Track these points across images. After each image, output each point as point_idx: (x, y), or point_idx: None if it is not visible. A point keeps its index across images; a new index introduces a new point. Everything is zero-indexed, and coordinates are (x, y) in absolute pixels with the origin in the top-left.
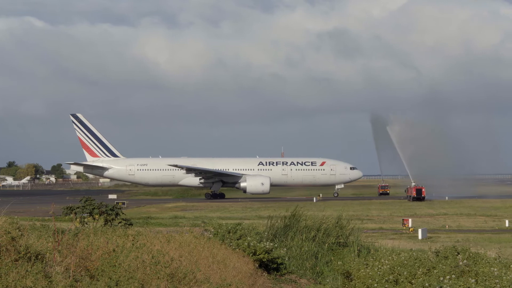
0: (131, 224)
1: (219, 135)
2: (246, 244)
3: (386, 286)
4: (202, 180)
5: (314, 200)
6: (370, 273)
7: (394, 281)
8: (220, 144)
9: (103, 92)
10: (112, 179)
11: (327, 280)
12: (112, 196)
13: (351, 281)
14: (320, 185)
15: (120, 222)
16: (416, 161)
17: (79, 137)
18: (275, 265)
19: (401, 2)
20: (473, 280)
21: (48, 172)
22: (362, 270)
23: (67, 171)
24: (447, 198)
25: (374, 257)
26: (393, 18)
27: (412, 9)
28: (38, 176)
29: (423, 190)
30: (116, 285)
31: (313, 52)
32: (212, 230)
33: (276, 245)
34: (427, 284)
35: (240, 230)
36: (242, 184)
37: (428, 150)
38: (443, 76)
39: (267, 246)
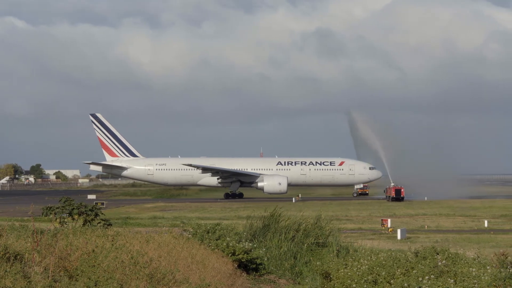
0: (110, 225)
1: (203, 135)
2: (225, 244)
3: (365, 286)
4: (220, 180)
5: (293, 201)
6: (349, 273)
7: (373, 281)
8: (204, 144)
9: (87, 92)
10: (131, 178)
11: (306, 280)
12: (91, 197)
13: (330, 281)
14: (339, 185)
15: (99, 223)
16: (396, 161)
17: (98, 137)
18: (254, 265)
19: (383, 3)
20: (452, 280)
21: (27, 172)
22: (341, 270)
23: (46, 171)
24: (426, 198)
25: (353, 257)
26: (376, 18)
27: (395, 10)
28: (17, 176)
29: (402, 190)
30: (95, 285)
31: (296, 53)
32: (191, 230)
33: (255, 245)
34: (406, 285)
35: (219, 230)
36: (260, 184)
37: (408, 150)
38: (427, 76)
39: (246, 247)
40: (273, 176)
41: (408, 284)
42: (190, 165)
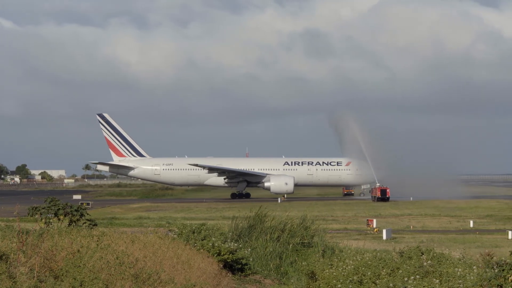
0: (95, 225)
1: (190, 136)
2: (210, 244)
3: (350, 286)
4: (227, 180)
5: (279, 201)
6: (334, 273)
7: (359, 281)
8: (191, 145)
9: (75, 92)
10: (137, 178)
11: (292, 281)
12: (76, 197)
13: (315, 282)
14: (346, 185)
15: (84, 223)
16: (382, 161)
17: (105, 137)
18: (239, 266)
19: (370, 3)
20: (437, 280)
21: (12, 173)
22: (327, 271)
23: (32, 172)
24: (411, 198)
25: (339, 257)
26: (363, 19)
27: (382, 10)
28: (2, 176)
29: (387, 190)
30: (81, 285)
31: (284, 53)
32: (177, 230)
33: (240, 245)
34: (391, 285)
35: (204, 230)
36: (266, 184)
37: (394, 150)
38: (415, 77)
39: (232, 247)
40: (279, 176)
41: (394, 284)
42: (197, 165)
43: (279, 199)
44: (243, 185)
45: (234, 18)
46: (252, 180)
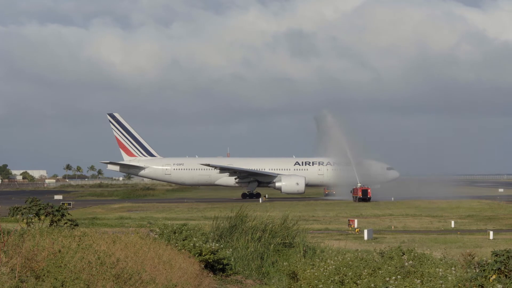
0: (77, 225)
1: (175, 136)
2: (191, 244)
3: (332, 286)
4: (237, 180)
5: (260, 201)
6: (315, 273)
7: (340, 281)
8: (176, 145)
9: (59, 92)
10: (148, 178)
11: (273, 281)
12: (58, 197)
13: (296, 282)
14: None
15: (66, 223)
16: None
17: (116, 137)
18: (221, 266)
19: (353, 4)
20: (419, 280)
21: None
22: (308, 271)
23: (13, 172)
24: (393, 199)
25: (320, 257)
26: (347, 19)
27: (365, 11)
28: None
29: (369, 190)
30: (62, 285)
31: (269, 53)
32: (158, 230)
33: (222, 246)
34: (372, 285)
35: (185, 230)
36: (277, 184)
37: (376, 150)
38: (400, 77)
39: (213, 247)
40: (290, 176)
41: (375, 284)
42: (209, 165)
43: (260, 199)
44: (254, 185)
45: (217, 18)
46: (263, 180)
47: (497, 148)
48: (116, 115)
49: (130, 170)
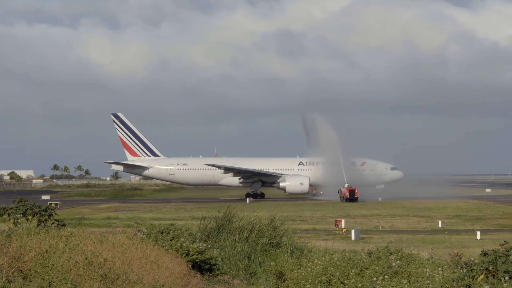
0: (64, 225)
1: (164, 136)
2: (179, 245)
3: (319, 286)
4: (242, 180)
5: (247, 201)
6: (303, 273)
7: (327, 281)
8: (165, 146)
9: (47, 92)
10: (152, 178)
11: (260, 281)
12: (45, 197)
13: (284, 282)
14: (360, 185)
15: (53, 223)
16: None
17: (120, 137)
18: (208, 266)
19: (341, 4)
20: (406, 280)
21: None
22: (295, 271)
23: (0, 172)
24: (380, 199)
25: (307, 257)
26: (336, 19)
27: (353, 11)
28: None
29: (356, 191)
30: (49, 285)
31: (257, 53)
32: (145, 231)
33: (209, 246)
34: (359, 285)
35: (173, 230)
36: (281, 184)
37: (364, 150)
38: (389, 77)
39: (200, 247)
40: (294, 176)
41: (362, 284)
42: (213, 165)
43: (247, 199)
44: (258, 185)
45: (205, 19)
46: (268, 180)
47: (485, 148)
48: (120, 115)
49: (134, 170)
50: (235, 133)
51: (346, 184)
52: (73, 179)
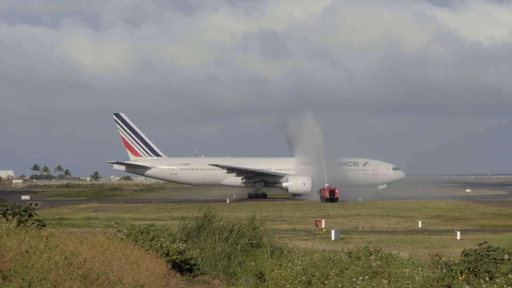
0: (44, 225)
1: (147, 136)
2: (159, 245)
3: (299, 287)
4: (244, 180)
5: (227, 201)
6: (283, 273)
7: (307, 282)
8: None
9: (29, 92)
10: (154, 178)
11: (240, 281)
12: (25, 197)
13: (264, 282)
14: (362, 186)
15: (33, 223)
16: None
17: (122, 137)
18: (188, 266)
19: (323, 5)
20: (386, 281)
21: None
22: (275, 271)
23: None
24: (360, 199)
25: (287, 258)
26: (317, 20)
27: (335, 12)
28: None
29: (336, 191)
30: (29, 286)
31: (240, 53)
32: (125, 231)
33: (189, 246)
34: (339, 285)
35: (153, 231)
36: (284, 184)
37: (344, 150)
38: (371, 78)
39: (180, 247)
40: (297, 176)
41: (342, 284)
42: (217, 165)
43: (227, 199)
44: (261, 185)
45: (187, 19)
46: (270, 180)
47: (465, 149)
48: (122, 115)
49: (136, 170)
50: (216, 134)
51: (326, 184)
52: (53, 179)
